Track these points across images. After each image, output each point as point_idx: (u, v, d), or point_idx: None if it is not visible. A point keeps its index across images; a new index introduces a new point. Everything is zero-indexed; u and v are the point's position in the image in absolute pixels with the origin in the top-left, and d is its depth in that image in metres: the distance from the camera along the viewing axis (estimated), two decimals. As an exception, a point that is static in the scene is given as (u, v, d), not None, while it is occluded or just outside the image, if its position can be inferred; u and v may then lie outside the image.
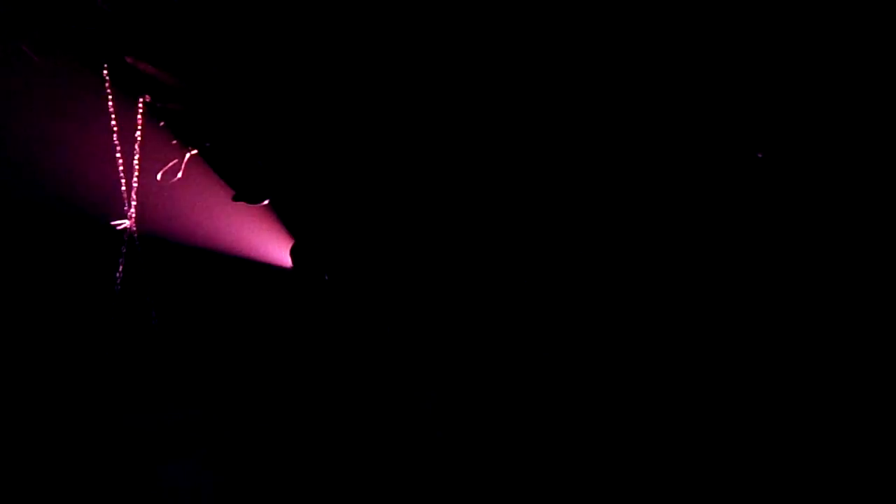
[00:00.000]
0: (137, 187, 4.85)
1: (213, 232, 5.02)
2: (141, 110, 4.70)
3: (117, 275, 4.83)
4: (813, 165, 4.46)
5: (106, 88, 4.68)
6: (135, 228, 4.85)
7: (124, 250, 4.87)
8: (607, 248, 4.74)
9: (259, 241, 4.96)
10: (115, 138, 4.78)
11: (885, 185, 4.33)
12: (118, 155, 4.81)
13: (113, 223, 4.84)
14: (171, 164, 4.88)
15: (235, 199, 4.92)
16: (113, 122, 4.72)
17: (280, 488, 4.47)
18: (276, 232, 4.95)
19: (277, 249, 4.94)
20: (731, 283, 4.58)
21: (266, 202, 4.97)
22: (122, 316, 4.82)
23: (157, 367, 4.84)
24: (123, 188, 4.86)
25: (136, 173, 4.82)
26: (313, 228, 4.99)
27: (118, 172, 4.83)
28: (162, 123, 4.80)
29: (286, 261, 4.99)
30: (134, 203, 4.85)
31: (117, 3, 4.38)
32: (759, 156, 4.34)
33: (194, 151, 4.86)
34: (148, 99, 4.64)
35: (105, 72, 4.60)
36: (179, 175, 4.91)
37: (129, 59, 4.36)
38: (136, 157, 4.73)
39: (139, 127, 4.73)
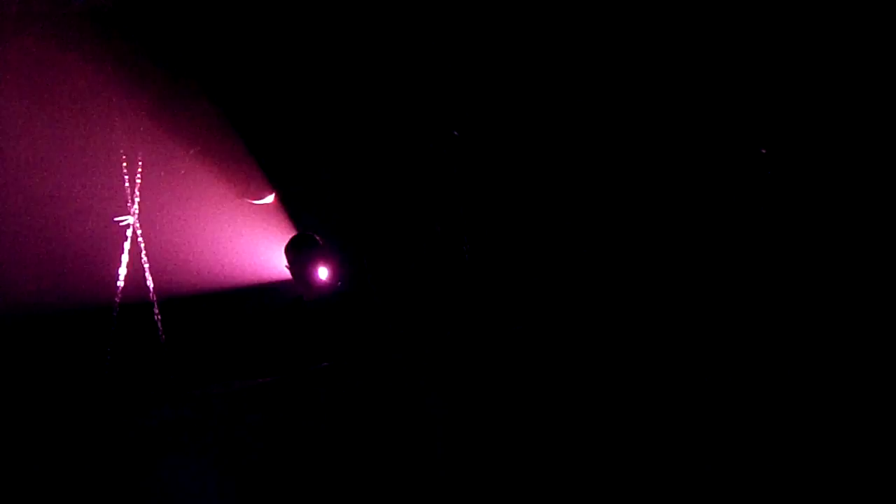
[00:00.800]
0: (141, 184, 4.87)
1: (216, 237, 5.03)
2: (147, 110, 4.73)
3: (120, 271, 4.82)
4: (813, 165, 4.49)
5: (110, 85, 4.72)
6: (138, 224, 4.86)
7: (127, 247, 4.87)
8: (608, 248, 4.75)
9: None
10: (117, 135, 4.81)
11: (885, 185, 4.36)
12: (122, 153, 4.84)
13: (116, 219, 4.85)
14: (175, 162, 4.90)
15: (239, 196, 4.93)
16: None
17: (280, 485, 4.45)
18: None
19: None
20: (730, 282, 4.59)
21: (271, 200, 4.98)
22: (125, 310, 4.81)
23: (158, 363, 4.82)
24: (127, 185, 4.88)
25: (140, 171, 4.84)
26: (311, 225, 4.99)
27: (121, 170, 4.85)
28: (167, 120, 4.83)
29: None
30: (137, 199, 4.86)
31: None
32: (763, 151, 4.36)
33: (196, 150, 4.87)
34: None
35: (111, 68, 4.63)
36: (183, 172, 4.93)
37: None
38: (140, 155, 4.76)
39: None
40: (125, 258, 4.85)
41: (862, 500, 4.09)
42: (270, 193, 5.04)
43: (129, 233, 4.87)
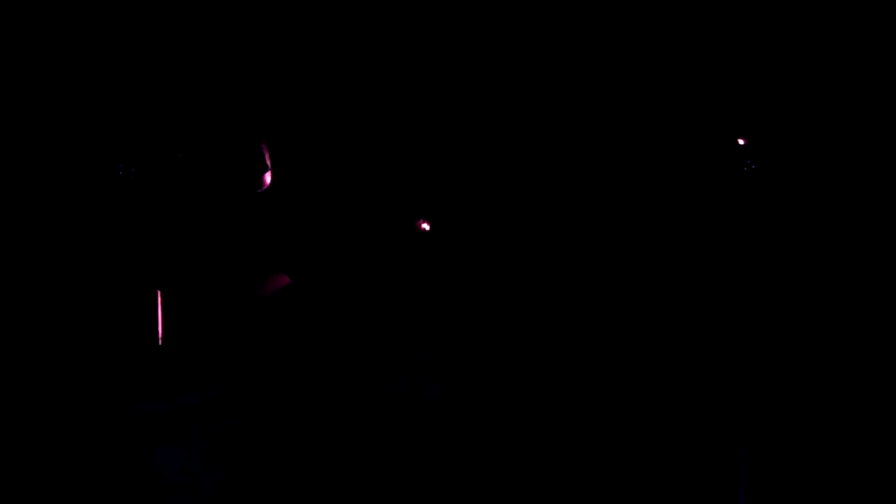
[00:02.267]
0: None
1: None
2: None
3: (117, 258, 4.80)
4: (813, 165, 4.49)
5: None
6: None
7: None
8: (608, 246, 4.74)
9: None
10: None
11: (885, 186, 4.35)
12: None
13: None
14: None
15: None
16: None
17: (276, 477, 4.42)
18: None
19: None
20: (730, 283, 4.57)
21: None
22: (120, 299, 4.77)
23: (156, 352, 4.78)
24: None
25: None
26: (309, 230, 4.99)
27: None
28: None
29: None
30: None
31: None
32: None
33: None
34: None
35: None
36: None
37: None
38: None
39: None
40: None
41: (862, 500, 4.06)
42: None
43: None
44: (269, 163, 4.68)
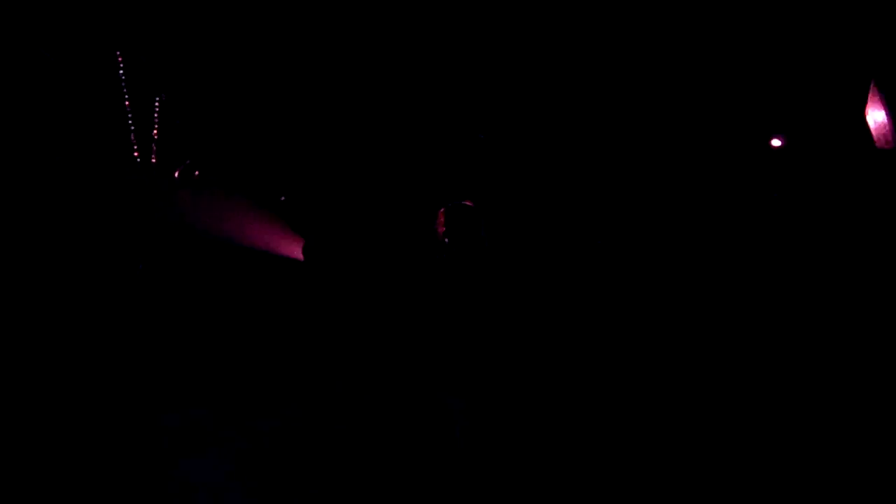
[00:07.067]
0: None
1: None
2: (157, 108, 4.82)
3: (140, 267, 4.90)
4: (815, 164, 4.45)
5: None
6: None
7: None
8: (613, 245, 4.74)
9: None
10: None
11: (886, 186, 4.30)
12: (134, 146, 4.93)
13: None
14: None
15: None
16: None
17: (298, 485, 4.50)
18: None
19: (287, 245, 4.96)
20: (731, 283, 4.56)
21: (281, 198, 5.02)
22: (143, 311, 4.87)
23: (181, 364, 4.88)
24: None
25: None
26: (326, 226, 5.03)
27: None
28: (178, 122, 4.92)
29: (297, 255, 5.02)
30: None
31: None
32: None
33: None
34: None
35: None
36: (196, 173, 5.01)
37: None
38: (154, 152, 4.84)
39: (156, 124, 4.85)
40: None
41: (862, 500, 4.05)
42: None
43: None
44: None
